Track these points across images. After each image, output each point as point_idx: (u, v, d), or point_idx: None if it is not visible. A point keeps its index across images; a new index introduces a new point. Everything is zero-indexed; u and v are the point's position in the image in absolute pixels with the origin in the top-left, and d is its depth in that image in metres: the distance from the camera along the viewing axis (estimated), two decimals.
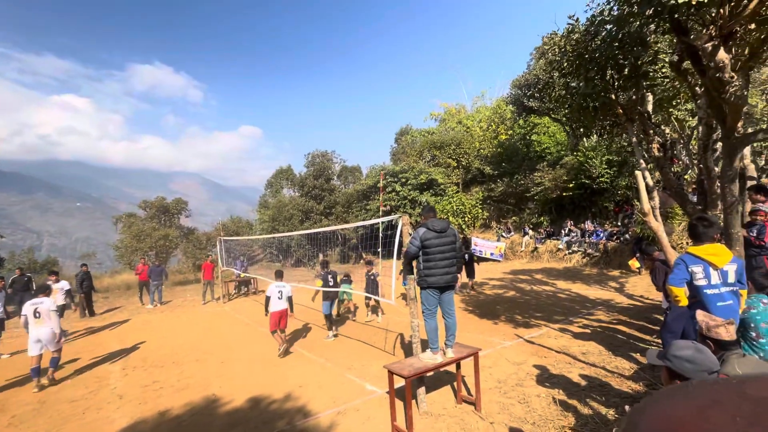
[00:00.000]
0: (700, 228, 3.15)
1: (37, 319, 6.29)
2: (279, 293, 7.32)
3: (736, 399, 0.33)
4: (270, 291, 7.32)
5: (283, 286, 7.43)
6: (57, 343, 6.48)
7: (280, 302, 7.28)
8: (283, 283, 7.54)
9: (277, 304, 7.26)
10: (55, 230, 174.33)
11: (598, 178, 16.49)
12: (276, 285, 7.41)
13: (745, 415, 0.31)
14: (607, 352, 5.83)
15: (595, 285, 11.60)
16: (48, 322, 6.35)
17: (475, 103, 36.11)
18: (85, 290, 12.29)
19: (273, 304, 7.23)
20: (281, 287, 7.40)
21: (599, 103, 5.92)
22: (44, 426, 4.87)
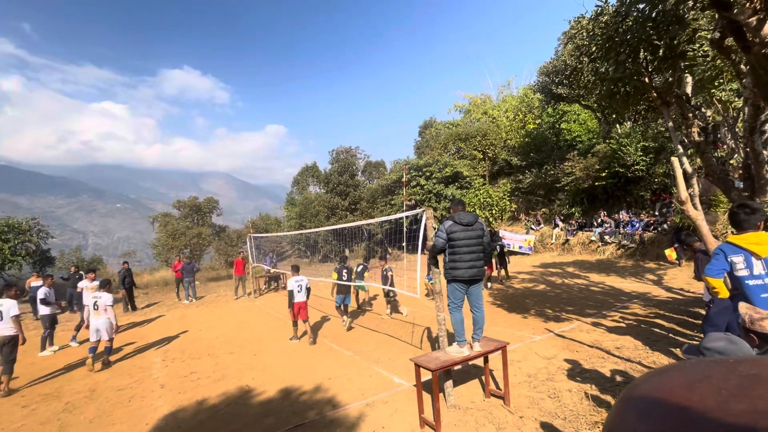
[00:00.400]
0: (742, 215, 2.97)
1: (96, 311, 7.12)
2: (299, 286, 7.75)
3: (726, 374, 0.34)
4: (291, 285, 7.76)
5: (302, 280, 7.87)
6: (111, 333, 7.22)
7: (300, 295, 7.74)
8: (301, 276, 7.98)
9: (298, 296, 7.72)
10: (99, 230, 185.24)
11: (633, 166, 15.76)
12: (295, 279, 7.83)
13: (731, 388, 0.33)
14: (644, 347, 5.60)
15: (631, 277, 11.13)
16: (104, 314, 7.14)
17: (500, 93, 35.24)
18: (127, 286, 13.04)
19: (295, 296, 7.70)
20: (300, 281, 7.83)
21: (631, 87, 5.63)
22: (95, 412, 5.23)
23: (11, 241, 16.53)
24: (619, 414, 0.39)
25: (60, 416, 5.18)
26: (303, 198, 28.90)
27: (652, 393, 0.38)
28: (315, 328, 8.90)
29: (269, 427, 4.39)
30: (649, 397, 0.37)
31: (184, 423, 4.71)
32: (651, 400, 0.37)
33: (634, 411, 0.37)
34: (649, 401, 0.37)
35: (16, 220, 17.43)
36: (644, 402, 0.37)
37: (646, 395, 0.38)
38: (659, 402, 0.36)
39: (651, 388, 0.38)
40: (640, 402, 0.38)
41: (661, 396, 0.36)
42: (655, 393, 0.37)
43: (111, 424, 4.82)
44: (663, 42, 5.07)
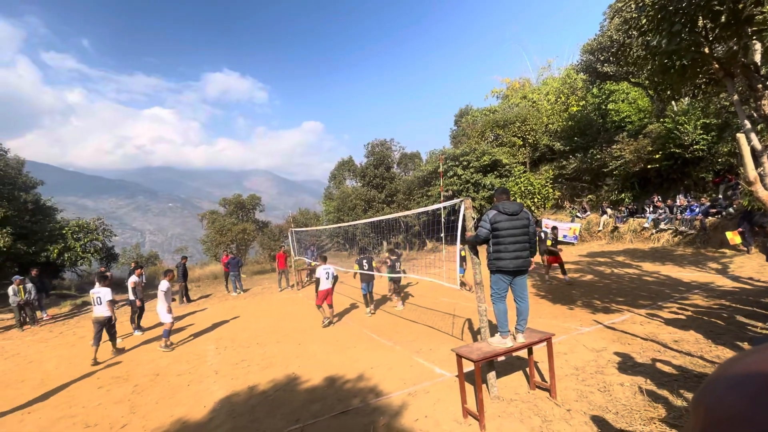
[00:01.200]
0: None
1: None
2: (327, 274, 8.52)
3: None
4: (319, 273, 8.53)
5: (329, 268, 8.65)
6: (164, 317, 8.01)
7: (327, 282, 8.52)
8: (328, 265, 8.76)
9: (325, 283, 8.50)
10: (154, 228, 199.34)
11: (691, 146, 14.51)
12: (324, 268, 8.60)
13: None
14: (706, 340, 5.20)
15: (690, 266, 10.34)
16: (158, 302, 8.13)
17: (540, 75, 33.69)
18: (182, 280, 13.99)
19: (323, 284, 8.45)
20: (328, 269, 8.61)
21: (688, 59, 5.16)
22: (160, 394, 5.71)
23: (82, 239, 18.25)
24: (708, 388, 0.39)
25: (130, 397, 5.70)
26: (340, 192, 29.38)
27: (746, 368, 0.37)
28: (354, 318, 9.10)
29: (316, 413, 4.57)
30: (742, 373, 0.37)
31: (238, 407, 5.02)
32: (744, 375, 0.37)
33: (725, 385, 0.37)
34: (742, 376, 0.37)
35: (84, 221, 19.20)
36: (737, 377, 0.37)
37: (740, 370, 0.38)
38: (754, 377, 0.36)
39: (746, 364, 0.38)
40: (733, 377, 0.37)
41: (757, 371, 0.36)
42: (751, 368, 0.37)
43: (174, 406, 5.24)
44: (725, 7, 4.59)
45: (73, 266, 18.81)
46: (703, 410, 0.37)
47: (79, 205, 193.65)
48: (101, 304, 7.75)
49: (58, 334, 10.55)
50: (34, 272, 13.15)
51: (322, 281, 8.51)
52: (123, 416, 5.09)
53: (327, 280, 8.53)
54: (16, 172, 18.01)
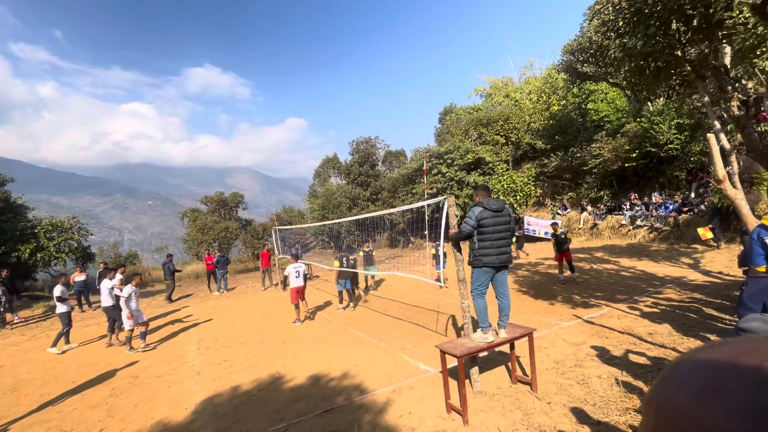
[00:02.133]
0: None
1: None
2: (297, 272, 8.69)
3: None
4: (288, 271, 8.75)
5: (299, 266, 8.80)
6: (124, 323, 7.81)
7: (297, 280, 8.70)
8: (299, 263, 8.92)
9: (295, 281, 8.68)
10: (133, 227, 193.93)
11: (666, 145, 15.01)
12: (293, 266, 8.78)
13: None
14: (678, 332, 5.41)
15: (665, 261, 10.71)
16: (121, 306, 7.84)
17: (523, 74, 34.20)
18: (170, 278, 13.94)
19: (292, 281, 8.63)
20: (298, 267, 8.77)
21: (662, 61, 5.34)
22: (139, 397, 5.58)
23: (56, 239, 17.59)
24: (658, 387, 0.40)
25: (108, 400, 5.55)
26: (325, 190, 29.20)
27: (693, 366, 0.38)
28: (339, 316, 9.09)
29: (300, 412, 4.55)
30: (689, 370, 0.38)
31: (220, 407, 4.95)
32: (691, 373, 0.37)
33: (674, 383, 0.38)
34: (689, 374, 0.37)
35: (59, 220, 18.51)
36: (684, 375, 0.38)
37: (687, 368, 0.38)
38: (699, 374, 0.36)
39: (694, 362, 0.38)
40: (680, 375, 0.38)
41: (703, 368, 0.37)
42: (698, 366, 0.38)
43: (154, 408, 5.13)
44: (697, 11, 4.76)
45: (47, 267, 18.13)
46: (653, 409, 0.38)
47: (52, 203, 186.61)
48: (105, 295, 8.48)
49: (30, 337, 10.18)
50: (5, 273, 12.62)
51: (291, 279, 8.70)
52: (100, 420, 4.95)
53: (297, 278, 8.71)
54: None
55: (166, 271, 14.01)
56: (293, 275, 8.71)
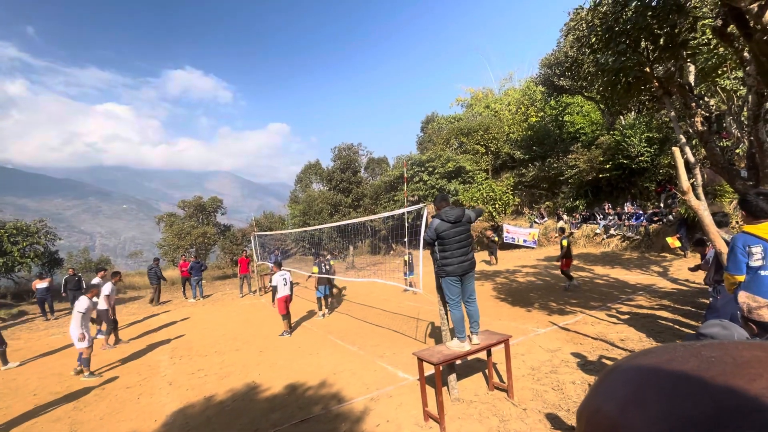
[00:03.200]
0: (761, 203, 2.80)
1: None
2: (284, 281, 8.26)
3: (687, 357, 0.35)
4: (276, 280, 8.28)
5: (285, 274, 8.39)
6: (77, 343, 6.60)
7: (285, 288, 8.23)
8: (284, 271, 8.53)
9: (283, 290, 8.21)
10: (106, 231, 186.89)
11: (637, 158, 15.63)
12: (280, 274, 8.35)
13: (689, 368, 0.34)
14: (648, 338, 5.59)
15: (636, 269, 11.09)
16: (72, 322, 6.71)
17: (502, 86, 35.06)
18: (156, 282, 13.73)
19: (280, 290, 8.18)
20: (285, 275, 8.34)
21: (632, 77, 5.59)
22: (105, 409, 5.33)
23: (20, 243, 16.74)
24: (589, 398, 0.40)
25: (71, 414, 5.28)
26: (306, 196, 28.98)
27: (619, 376, 0.39)
28: (318, 324, 8.98)
29: (275, 422, 4.45)
30: (615, 380, 0.39)
31: (192, 419, 4.79)
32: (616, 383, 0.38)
33: (602, 393, 0.39)
34: (614, 384, 0.38)
35: (24, 223, 17.64)
36: (610, 385, 0.39)
37: (613, 378, 0.39)
38: (624, 384, 0.37)
39: (620, 372, 0.39)
40: (607, 385, 0.39)
41: (627, 378, 0.37)
42: (623, 375, 0.38)
43: (121, 421, 4.91)
44: (664, 31, 5.02)
45: (10, 272, 17.20)
46: (584, 419, 0.39)
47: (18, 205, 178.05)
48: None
49: None
50: None
51: (279, 288, 8.26)
52: None
53: (285, 286, 8.29)
54: None
55: (152, 276, 13.65)
56: (281, 284, 8.26)
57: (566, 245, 9.39)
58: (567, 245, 9.40)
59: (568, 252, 9.44)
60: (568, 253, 9.46)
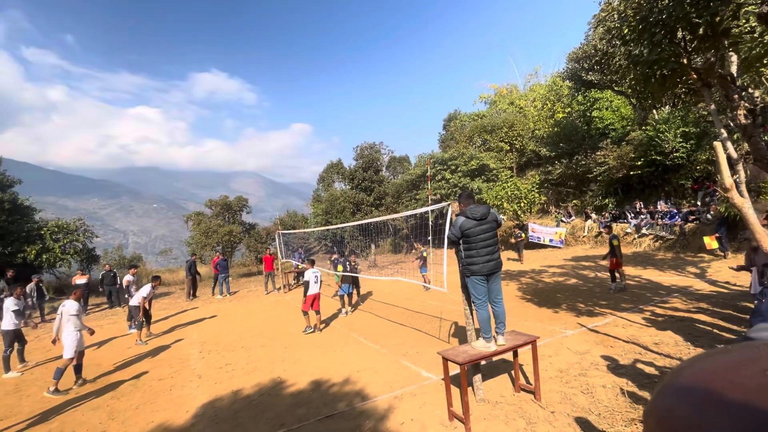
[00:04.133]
0: None
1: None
2: (315, 278, 8.30)
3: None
4: (308, 276, 8.31)
5: (317, 272, 8.46)
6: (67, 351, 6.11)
7: (315, 286, 8.27)
8: (317, 269, 8.58)
9: (314, 287, 8.25)
10: (138, 230, 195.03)
11: (671, 154, 14.93)
12: (312, 271, 8.39)
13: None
14: (685, 342, 5.34)
15: (670, 270, 10.60)
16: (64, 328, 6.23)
17: (527, 82, 34.29)
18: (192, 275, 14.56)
19: (311, 288, 8.22)
20: (317, 273, 8.40)
21: (668, 69, 5.32)
22: (140, 399, 5.57)
23: (61, 240, 17.73)
24: (659, 397, 0.39)
25: (109, 402, 5.54)
26: (329, 195, 29.26)
27: (694, 376, 0.37)
28: (341, 322, 9.06)
29: (301, 417, 4.52)
30: (690, 380, 0.37)
31: (221, 412, 4.93)
32: (691, 383, 0.36)
33: (674, 394, 0.37)
34: (689, 384, 0.36)
35: (64, 221, 18.66)
36: (685, 385, 0.37)
37: (687, 378, 0.37)
38: (700, 384, 0.35)
39: (694, 371, 0.38)
40: (681, 385, 0.37)
41: (703, 378, 0.36)
42: (698, 375, 0.36)
43: (155, 411, 5.12)
44: (703, 19, 4.75)
45: (52, 268, 18.24)
46: (653, 420, 0.37)
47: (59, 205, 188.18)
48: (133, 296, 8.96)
49: (34, 337, 10.20)
50: (10, 273, 12.72)
51: (311, 285, 8.27)
52: (101, 422, 4.94)
53: (316, 284, 8.30)
54: None
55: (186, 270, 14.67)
56: (312, 280, 8.25)
57: (616, 245, 8.83)
58: (617, 245, 8.85)
59: (616, 251, 8.85)
60: (617, 252, 8.87)
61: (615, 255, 8.84)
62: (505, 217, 20.58)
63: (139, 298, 8.72)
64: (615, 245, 8.84)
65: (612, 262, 8.93)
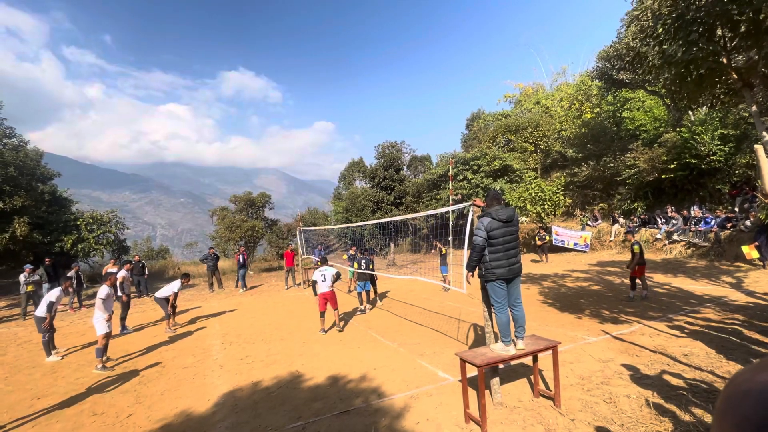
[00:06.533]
0: None
1: None
2: (322, 277, 8.14)
3: None
4: (315, 276, 8.28)
5: (325, 270, 8.25)
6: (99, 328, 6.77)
7: (323, 285, 8.12)
8: (326, 267, 8.40)
9: (322, 286, 8.08)
10: (165, 223, 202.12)
11: (708, 157, 14.25)
12: (318, 271, 8.30)
13: None
14: (717, 355, 5.09)
15: (703, 279, 10.13)
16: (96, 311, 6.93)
17: (555, 81, 33.49)
18: (211, 269, 15.06)
19: (320, 287, 8.12)
20: (324, 272, 8.22)
21: (705, 69, 5.08)
22: (165, 386, 5.79)
23: (95, 231, 18.63)
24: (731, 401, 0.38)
25: (136, 388, 5.79)
26: (349, 193, 29.46)
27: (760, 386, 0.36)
28: (359, 319, 9.12)
29: (317, 411, 4.59)
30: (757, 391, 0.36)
31: (240, 401, 5.06)
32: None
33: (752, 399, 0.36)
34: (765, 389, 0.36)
35: (98, 213, 19.61)
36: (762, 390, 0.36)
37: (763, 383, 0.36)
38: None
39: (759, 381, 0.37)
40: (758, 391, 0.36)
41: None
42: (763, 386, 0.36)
43: (179, 398, 5.31)
44: (746, 17, 4.51)
45: (86, 257, 19.19)
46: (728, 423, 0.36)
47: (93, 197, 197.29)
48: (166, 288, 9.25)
49: (69, 323, 10.77)
50: (48, 261, 13.44)
51: (319, 284, 8.18)
52: (129, 406, 5.17)
53: (323, 282, 8.12)
54: (35, 163, 18.46)
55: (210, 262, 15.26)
56: (319, 280, 8.19)
57: (638, 251, 8.49)
58: (639, 251, 8.50)
59: (637, 258, 8.53)
60: (641, 259, 8.55)
61: (639, 262, 8.51)
62: (527, 219, 20.18)
63: (170, 291, 9.08)
64: (635, 252, 8.52)
65: (636, 269, 8.59)
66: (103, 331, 6.75)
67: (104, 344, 6.75)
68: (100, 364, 6.64)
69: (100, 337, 6.72)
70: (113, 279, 7.62)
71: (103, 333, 6.75)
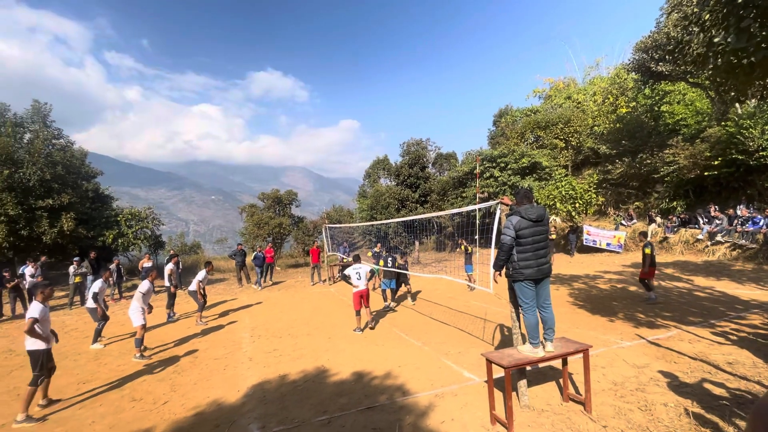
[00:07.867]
0: None
1: None
2: (357, 275, 8.07)
3: None
4: (349, 272, 8.19)
5: (359, 268, 8.19)
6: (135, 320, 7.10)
7: (359, 282, 8.02)
8: (359, 265, 8.34)
9: (358, 284, 8.03)
10: (197, 219, 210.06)
11: (757, 152, 13.32)
12: (353, 268, 8.22)
13: None
14: (765, 364, 4.77)
15: (750, 284, 9.50)
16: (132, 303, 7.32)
17: (587, 75, 32.24)
18: (240, 264, 15.38)
19: (355, 284, 8.04)
20: (358, 269, 8.16)
21: (758, 58, 4.72)
22: (198, 375, 6.03)
23: (134, 227, 19.62)
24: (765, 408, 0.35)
25: (172, 377, 6.06)
26: (374, 190, 29.53)
27: None
28: (385, 317, 9.14)
29: (343, 406, 4.64)
30: None
31: (269, 393, 5.20)
32: None
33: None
34: None
35: (137, 210, 20.64)
36: None
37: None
38: None
39: None
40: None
41: None
42: None
43: (210, 388, 5.52)
44: None
45: (126, 251, 20.25)
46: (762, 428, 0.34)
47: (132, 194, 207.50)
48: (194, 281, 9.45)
49: (110, 313, 11.38)
50: (92, 255, 14.27)
51: (353, 282, 8.03)
52: (165, 393, 5.42)
53: (359, 280, 8.01)
54: (80, 162, 19.61)
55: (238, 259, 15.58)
56: (354, 277, 8.02)
57: (649, 253, 8.34)
58: (650, 253, 8.34)
59: (651, 260, 8.38)
60: (652, 261, 8.41)
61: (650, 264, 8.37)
62: (558, 218, 19.57)
63: (196, 282, 9.39)
64: (647, 253, 8.34)
65: (643, 271, 8.50)
66: (139, 323, 7.07)
67: (142, 335, 7.11)
68: (139, 353, 7.01)
69: (138, 327, 7.06)
70: (154, 275, 7.91)
71: (140, 324, 7.08)
